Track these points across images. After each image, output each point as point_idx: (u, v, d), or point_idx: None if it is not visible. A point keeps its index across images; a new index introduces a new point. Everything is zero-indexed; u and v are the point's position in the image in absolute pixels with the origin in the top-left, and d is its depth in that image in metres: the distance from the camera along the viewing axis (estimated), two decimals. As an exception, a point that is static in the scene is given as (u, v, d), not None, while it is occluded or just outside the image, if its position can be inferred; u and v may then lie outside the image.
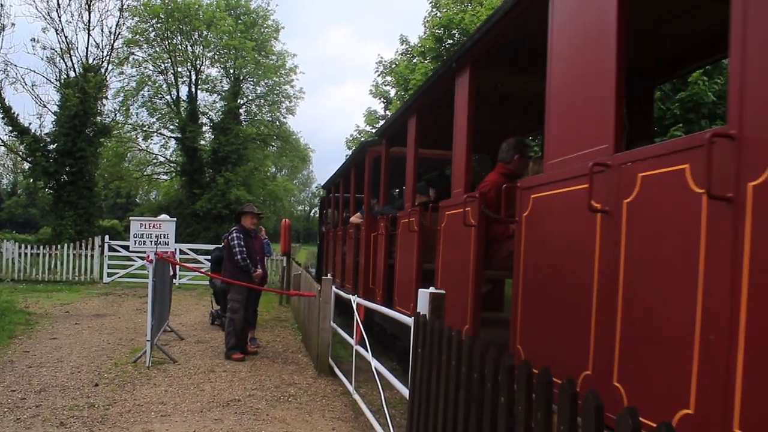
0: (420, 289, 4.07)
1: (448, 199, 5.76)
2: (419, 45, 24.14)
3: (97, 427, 5.42)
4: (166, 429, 5.47)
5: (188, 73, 35.96)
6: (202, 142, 35.24)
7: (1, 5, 40.90)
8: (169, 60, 35.10)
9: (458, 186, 5.48)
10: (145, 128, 37.04)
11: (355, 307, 6.49)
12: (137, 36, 33.72)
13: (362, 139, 28.11)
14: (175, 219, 14.89)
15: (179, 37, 34.88)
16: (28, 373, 7.23)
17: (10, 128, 27.48)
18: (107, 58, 31.39)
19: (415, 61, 24.25)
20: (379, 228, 8.40)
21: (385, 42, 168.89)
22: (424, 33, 23.99)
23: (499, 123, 7.21)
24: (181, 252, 20.11)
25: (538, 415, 2.23)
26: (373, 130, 23.82)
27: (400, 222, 7.31)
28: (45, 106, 30.41)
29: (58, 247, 20.49)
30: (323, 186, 19.70)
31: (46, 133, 28.44)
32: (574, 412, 2.02)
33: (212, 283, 11.78)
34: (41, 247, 20.30)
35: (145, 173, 40.13)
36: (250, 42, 34.77)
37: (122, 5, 31.66)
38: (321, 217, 18.57)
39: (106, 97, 31.40)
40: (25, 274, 19.71)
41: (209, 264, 14.34)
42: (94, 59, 30.48)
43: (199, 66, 35.92)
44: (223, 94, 36.31)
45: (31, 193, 32.53)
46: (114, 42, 31.63)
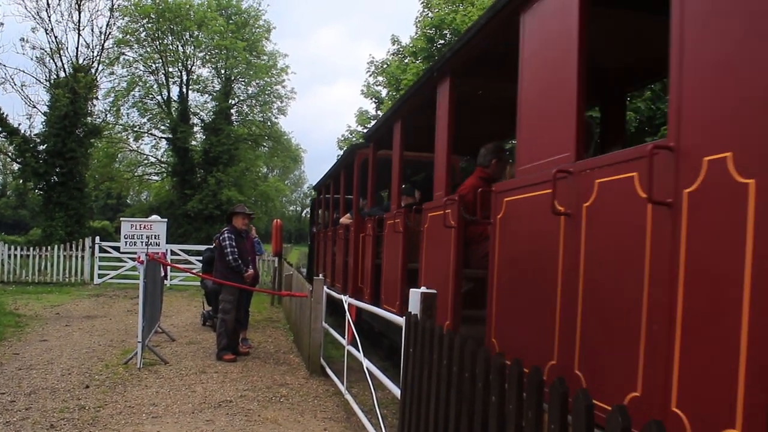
0: (411, 289, 4.09)
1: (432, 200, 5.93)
2: (411, 45, 24.20)
3: (88, 429, 5.40)
4: (158, 430, 5.45)
5: (179, 74, 35.90)
6: (194, 143, 35.14)
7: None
8: (160, 60, 34.98)
9: (439, 189, 5.67)
10: (135, 129, 36.95)
11: (346, 307, 6.49)
12: (128, 36, 33.60)
13: (354, 140, 28.16)
14: (166, 220, 14.81)
15: (170, 37, 34.78)
16: (18, 376, 7.19)
17: (0, 129, 27.31)
18: (97, 58, 31.33)
19: (406, 61, 24.30)
20: (367, 229, 8.57)
21: (376, 42, 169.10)
22: (416, 33, 24.05)
23: (485, 127, 7.36)
24: (173, 253, 20.05)
25: (528, 414, 2.24)
26: (364, 130, 23.82)
27: (387, 223, 7.48)
28: (35, 107, 30.26)
29: (49, 248, 20.39)
30: (314, 187, 19.88)
31: (35, 134, 28.33)
32: (565, 411, 2.03)
33: (204, 284, 11.75)
34: (31, 249, 20.19)
35: (136, 174, 39.99)
36: (242, 42, 34.71)
37: (112, 5, 31.60)
38: (312, 217, 18.70)
39: (97, 98, 31.33)
40: (15, 276, 19.57)
41: (200, 265, 14.30)
42: (84, 59, 30.40)
43: (190, 66, 35.86)
44: (215, 94, 36.22)
45: (21, 194, 32.35)
46: (104, 42, 31.57)
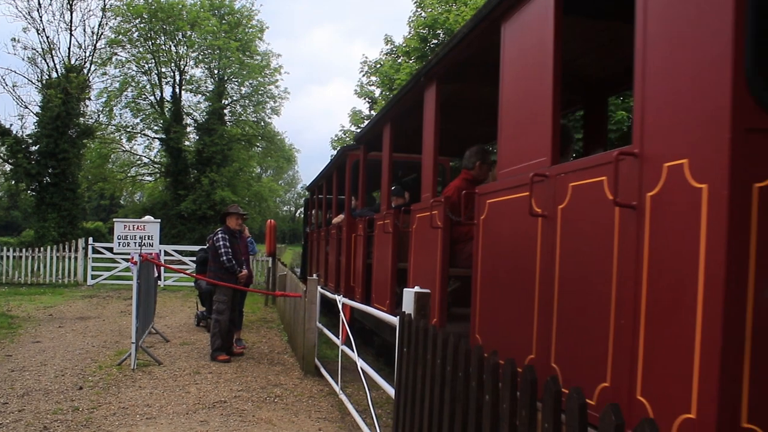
0: (405, 289, 4.10)
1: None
2: (404, 45, 24.16)
3: (81, 431, 5.38)
4: (152, 432, 5.45)
5: (172, 74, 35.72)
6: (187, 143, 34.97)
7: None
8: (153, 60, 34.81)
9: (426, 191, 5.83)
10: (128, 129, 36.73)
11: (340, 307, 6.49)
12: (120, 36, 33.37)
13: (347, 139, 28.13)
14: (159, 220, 14.77)
15: (163, 38, 34.61)
16: (11, 377, 7.16)
17: (-9, 130, 27.18)
18: (90, 58, 31.19)
19: (400, 61, 24.27)
20: (358, 229, 8.71)
21: (369, 42, 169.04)
22: (409, 33, 24.01)
23: (475, 128, 7.46)
24: (166, 253, 20.02)
25: (522, 413, 2.24)
26: (358, 130, 23.82)
27: (377, 224, 7.64)
28: (26, 107, 30.10)
29: (41, 249, 20.32)
30: (307, 188, 20.02)
31: (27, 135, 28.18)
32: (558, 410, 2.03)
33: (198, 285, 11.73)
34: (24, 250, 20.12)
35: (129, 174, 39.81)
36: (235, 42, 34.58)
37: (105, 5, 31.46)
38: (306, 218, 18.76)
39: (89, 98, 31.17)
40: (8, 277, 19.52)
41: (194, 265, 14.28)
42: (76, 59, 30.27)
43: (183, 66, 35.70)
44: (208, 94, 36.05)
45: (13, 195, 32.10)
46: (96, 42, 31.44)
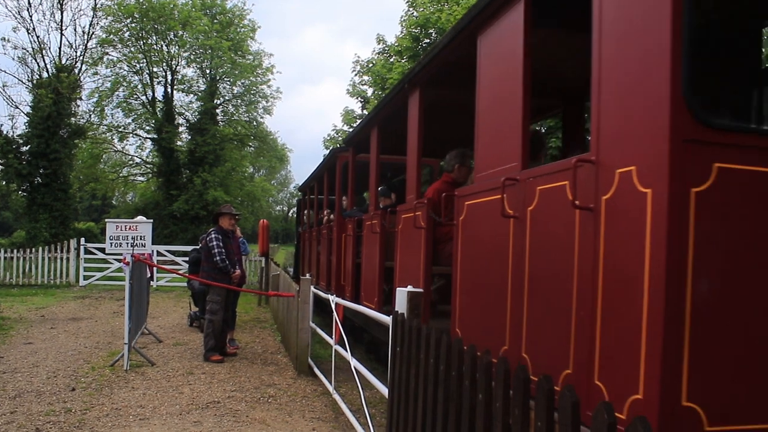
0: (398, 288, 4.12)
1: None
2: (396, 44, 24.18)
3: (74, 432, 5.37)
4: (145, 433, 5.43)
5: (164, 74, 35.59)
6: (179, 143, 34.86)
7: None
8: (145, 60, 34.69)
9: (411, 192, 6.04)
10: (120, 129, 36.63)
11: (333, 307, 6.49)
12: (111, 36, 33.25)
13: (340, 139, 28.14)
14: (151, 221, 14.75)
15: (154, 37, 34.50)
16: (2, 379, 7.12)
17: (-20, 130, 27.02)
18: (81, 58, 31.11)
19: (392, 60, 24.28)
20: (348, 229, 8.92)
21: (362, 41, 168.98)
22: (401, 32, 24.04)
23: (459, 131, 7.59)
24: (159, 254, 19.94)
25: (515, 412, 2.25)
26: (350, 130, 23.87)
27: (365, 224, 7.83)
28: (17, 107, 29.97)
29: (33, 250, 20.20)
30: (299, 188, 20.18)
31: (18, 135, 28.08)
32: (551, 409, 2.05)
33: (190, 285, 11.70)
34: (15, 251, 20.00)
35: (121, 175, 39.71)
36: (226, 42, 34.51)
37: (95, 4, 31.40)
38: (298, 218, 18.83)
39: (80, 98, 31.11)
40: (-1, 278, 19.41)
41: (187, 266, 14.25)
42: (67, 59, 30.19)
43: (174, 66, 35.60)
44: (200, 94, 35.97)
45: (4, 196, 31.90)
46: (87, 42, 31.37)
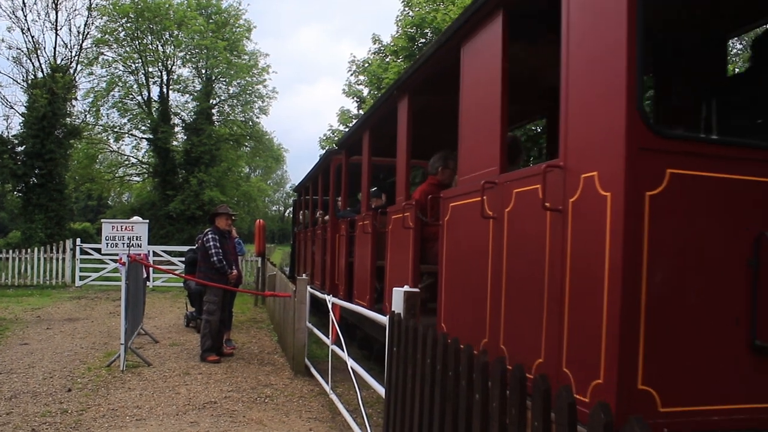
0: (395, 288, 4.12)
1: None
2: (392, 44, 24.16)
3: (71, 433, 5.36)
4: (142, 433, 5.43)
5: (159, 74, 35.46)
6: (175, 143, 34.77)
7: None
8: (140, 60, 34.56)
9: (400, 194, 6.30)
10: (116, 129, 36.50)
11: (330, 307, 6.50)
12: (106, 36, 33.11)
13: (336, 139, 28.10)
14: (147, 221, 14.68)
15: (150, 37, 34.36)
16: (-1, 380, 7.11)
17: (-25, 131, 26.91)
18: (76, 58, 30.98)
19: (387, 60, 24.27)
20: (341, 230, 9.12)
21: (357, 41, 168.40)
22: (397, 32, 24.02)
23: (447, 134, 7.67)
24: (155, 254, 19.92)
25: (512, 412, 2.26)
26: (346, 129, 23.87)
27: (358, 224, 8.01)
28: (12, 108, 29.81)
29: (28, 250, 20.17)
30: (294, 189, 20.40)
31: (13, 135, 27.92)
32: (548, 408, 2.05)
33: (187, 285, 11.69)
34: (10, 251, 19.94)
35: (117, 175, 39.55)
36: (222, 42, 34.40)
37: (90, 4, 31.24)
38: (294, 218, 18.93)
39: (76, 98, 30.94)
40: (-6, 279, 19.35)
41: (183, 266, 14.23)
42: (62, 59, 30.05)
43: (170, 66, 35.46)
44: (195, 94, 35.84)
45: (-1, 196, 31.89)
46: (83, 42, 31.23)
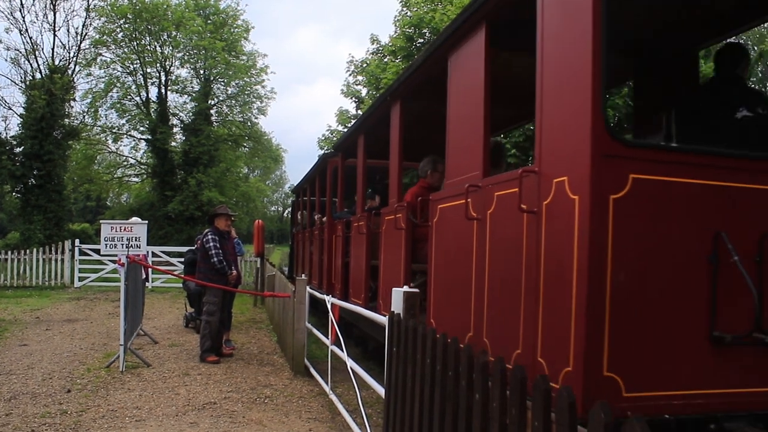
0: (394, 288, 4.13)
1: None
2: (390, 44, 24.17)
3: (71, 435, 5.36)
4: (141, 434, 5.43)
5: (158, 74, 35.45)
6: (173, 144, 34.76)
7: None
8: (138, 61, 34.54)
9: (393, 196, 6.51)
10: (114, 130, 36.50)
11: (329, 307, 6.50)
12: (105, 37, 33.09)
13: (335, 139, 28.12)
14: (146, 222, 14.68)
15: (148, 38, 34.32)
16: (-2, 381, 7.11)
17: (-27, 131, 26.86)
18: (74, 59, 31.00)
19: (386, 60, 24.27)
20: (337, 230, 9.31)
21: (356, 41, 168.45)
22: (395, 32, 24.03)
23: (440, 137, 7.77)
24: (154, 255, 19.90)
25: (512, 412, 2.26)
26: (345, 130, 23.90)
27: (353, 225, 8.19)
28: (10, 109, 29.78)
29: (27, 251, 20.14)
30: (292, 190, 20.53)
31: (11, 136, 27.92)
32: (548, 408, 2.05)
33: (186, 286, 11.68)
34: (9, 252, 19.92)
35: (116, 176, 39.57)
36: (220, 42, 34.37)
37: (88, 5, 31.22)
38: (292, 219, 19.05)
39: (74, 99, 30.97)
40: (-7, 280, 19.32)
41: (182, 266, 14.22)
42: (60, 60, 30.07)
43: (168, 67, 35.45)
44: (194, 94, 35.81)
45: (-3, 198, 31.86)
46: (81, 43, 31.25)
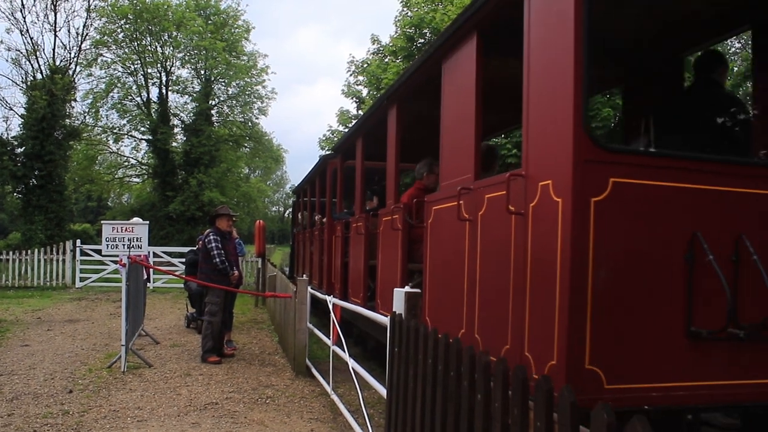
0: (395, 289, 4.14)
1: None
2: (390, 44, 24.18)
3: (73, 435, 5.36)
4: (143, 435, 5.43)
5: (158, 75, 35.39)
6: (174, 144, 34.72)
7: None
8: (139, 61, 34.51)
9: (390, 197, 6.64)
10: (115, 130, 36.49)
11: (331, 307, 6.51)
12: (105, 37, 33.07)
13: (336, 139, 28.14)
14: (147, 222, 14.68)
15: (148, 38, 34.30)
16: None
17: (-26, 132, 26.87)
18: (75, 59, 30.95)
19: (386, 60, 24.27)
20: (337, 231, 9.42)
21: (356, 42, 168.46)
22: (396, 32, 24.04)
23: (437, 140, 7.91)
24: (155, 255, 19.92)
25: (514, 412, 2.26)
26: (346, 130, 23.93)
27: (352, 226, 8.28)
28: (11, 109, 29.77)
29: (28, 252, 20.15)
30: (293, 191, 20.70)
31: (13, 137, 27.88)
32: (550, 408, 2.05)
33: (187, 286, 11.69)
34: (11, 253, 19.94)
35: (117, 176, 39.56)
36: (221, 42, 34.34)
37: (89, 6, 31.17)
38: (293, 219, 19.08)
39: (75, 99, 30.90)
40: (-6, 281, 19.33)
41: (183, 267, 14.23)
42: (61, 61, 30.02)
43: (169, 67, 35.41)
44: (195, 95, 35.76)
45: (-1, 198, 31.87)
46: (81, 43, 31.20)
